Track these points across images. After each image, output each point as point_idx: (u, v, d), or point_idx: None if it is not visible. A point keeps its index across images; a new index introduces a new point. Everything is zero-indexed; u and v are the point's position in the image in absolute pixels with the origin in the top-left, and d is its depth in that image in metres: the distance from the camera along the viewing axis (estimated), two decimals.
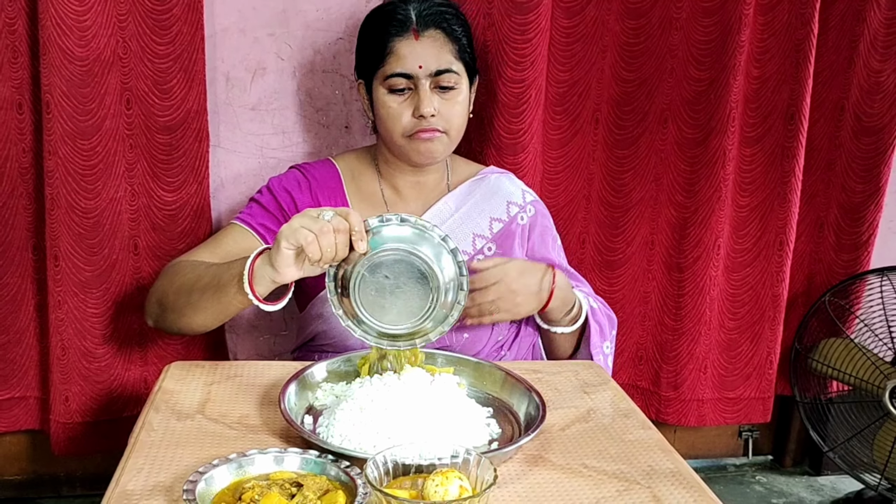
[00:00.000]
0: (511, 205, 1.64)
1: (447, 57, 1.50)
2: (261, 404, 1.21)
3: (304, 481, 0.94)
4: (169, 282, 1.45)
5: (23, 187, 1.74)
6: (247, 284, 1.24)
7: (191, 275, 1.40)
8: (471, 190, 1.63)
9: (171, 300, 1.42)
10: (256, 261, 1.25)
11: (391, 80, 1.49)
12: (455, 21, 1.53)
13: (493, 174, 1.68)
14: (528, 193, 1.68)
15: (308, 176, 1.60)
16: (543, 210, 1.70)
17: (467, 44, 1.55)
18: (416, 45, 1.48)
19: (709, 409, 2.22)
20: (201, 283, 1.35)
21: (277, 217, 1.56)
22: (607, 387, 1.35)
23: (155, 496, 0.96)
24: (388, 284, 1.20)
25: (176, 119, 1.71)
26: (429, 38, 1.49)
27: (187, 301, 1.38)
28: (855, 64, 2.07)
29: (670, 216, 2.07)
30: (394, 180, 1.61)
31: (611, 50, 1.95)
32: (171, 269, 1.49)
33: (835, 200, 2.19)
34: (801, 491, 2.40)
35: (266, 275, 1.23)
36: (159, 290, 1.47)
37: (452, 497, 0.87)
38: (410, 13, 1.50)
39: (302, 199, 1.57)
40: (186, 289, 1.38)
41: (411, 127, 1.50)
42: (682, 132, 2.00)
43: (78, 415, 1.81)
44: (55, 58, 1.59)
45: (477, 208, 1.62)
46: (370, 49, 1.53)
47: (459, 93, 1.52)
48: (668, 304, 2.13)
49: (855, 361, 2.14)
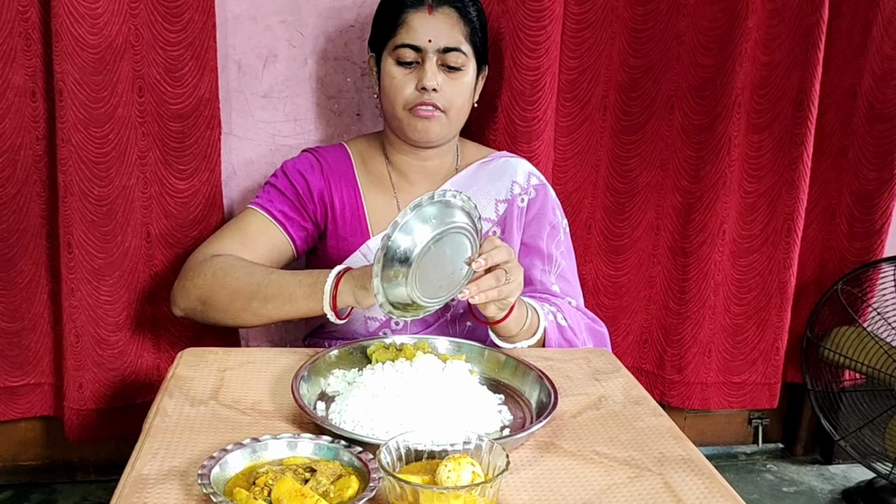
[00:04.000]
0: (514, 184, 1.63)
1: (457, 36, 1.51)
2: (273, 390, 1.22)
3: (318, 466, 0.94)
4: (218, 283, 1.43)
5: (36, 175, 1.75)
6: (330, 311, 1.32)
7: (246, 279, 1.41)
8: (476, 172, 1.63)
9: (223, 302, 1.42)
10: (340, 284, 1.30)
11: (400, 51, 1.50)
12: (470, 4, 1.54)
13: (501, 157, 1.67)
14: (535, 177, 1.66)
15: (320, 159, 1.61)
16: (548, 196, 1.65)
17: (479, 28, 1.56)
18: (428, 19, 1.50)
19: (713, 392, 2.23)
20: (265, 293, 1.38)
21: (294, 202, 1.58)
22: (619, 374, 1.35)
23: (170, 480, 0.96)
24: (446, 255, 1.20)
25: (188, 107, 1.71)
26: (442, 15, 1.51)
27: (246, 307, 1.40)
28: (868, 50, 2.06)
29: (676, 201, 2.08)
30: (400, 164, 1.62)
31: (619, 36, 1.95)
32: (216, 267, 1.45)
33: (847, 188, 2.18)
34: (812, 479, 2.40)
35: (349, 301, 1.31)
36: (203, 287, 1.45)
37: (465, 483, 0.87)
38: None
39: (315, 182, 1.59)
40: (245, 295, 1.39)
41: (413, 99, 1.50)
42: (689, 118, 2.00)
43: (91, 401, 1.82)
44: (68, 45, 1.59)
45: (482, 191, 1.61)
46: (384, 20, 1.54)
47: (465, 74, 1.53)
48: (672, 288, 2.13)
49: (867, 350, 2.14)
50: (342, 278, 1.32)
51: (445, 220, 1.17)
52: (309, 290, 1.34)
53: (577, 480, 1.01)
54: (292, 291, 1.36)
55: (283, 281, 1.38)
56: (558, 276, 1.63)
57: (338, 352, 1.29)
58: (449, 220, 1.17)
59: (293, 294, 1.36)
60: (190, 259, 1.52)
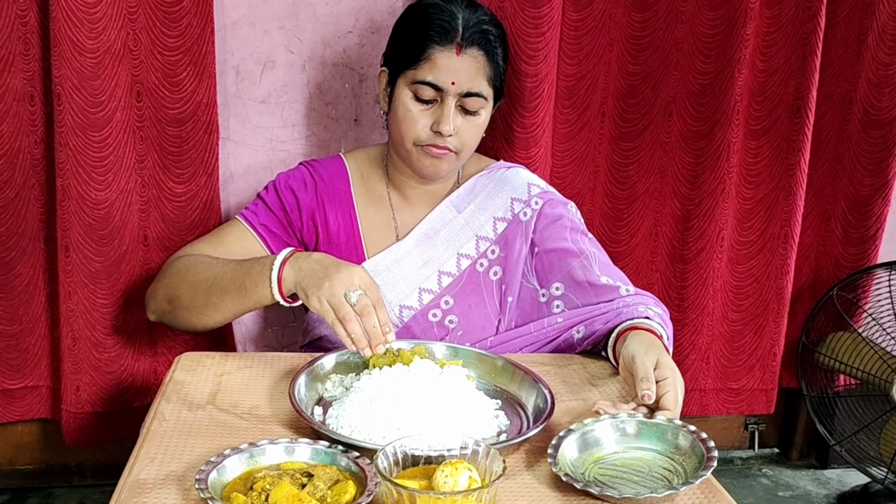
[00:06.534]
0: (515, 201, 1.59)
1: (481, 81, 1.45)
2: (271, 395, 1.22)
3: (315, 471, 0.95)
4: (181, 279, 1.44)
5: (35, 178, 1.75)
6: (278, 294, 1.31)
7: (206, 273, 1.41)
8: (474, 187, 1.60)
9: (185, 298, 1.42)
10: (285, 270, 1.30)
11: (419, 87, 1.43)
12: (498, 43, 1.48)
13: (499, 169, 1.64)
14: (535, 186, 1.61)
15: (315, 175, 1.58)
16: (555, 201, 1.60)
17: (503, 67, 1.51)
18: (455, 59, 1.42)
19: (711, 398, 2.23)
20: (222, 284, 1.37)
21: (279, 218, 1.56)
22: (615, 379, 1.35)
23: (167, 485, 0.97)
24: None
25: (186, 111, 1.71)
26: (470, 57, 1.43)
27: (206, 300, 1.39)
28: (863, 57, 2.07)
29: (674, 208, 2.07)
30: (402, 185, 1.59)
31: (618, 43, 1.95)
32: (180, 266, 1.47)
33: (842, 194, 2.18)
34: (808, 484, 2.41)
35: (292, 286, 1.30)
36: (169, 286, 1.46)
37: (462, 488, 0.88)
38: (458, 24, 1.43)
39: (306, 201, 1.56)
40: (204, 288, 1.39)
41: (426, 138, 1.46)
42: (687, 125, 2.00)
43: (89, 404, 1.81)
44: (66, 50, 1.59)
45: (480, 207, 1.58)
46: (406, 46, 1.46)
47: (482, 115, 1.49)
48: (671, 295, 2.13)
49: (862, 355, 2.14)
50: (286, 263, 1.30)
51: None
52: (260, 277, 1.32)
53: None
54: (242, 280, 1.34)
55: (235, 272, 1.36)
56: (600, 266, 1.53)
57: (335, 357, 1.29)
58: None
59: (244, 283, 1.34)
60: (164, 264, 1.54)
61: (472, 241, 1.58)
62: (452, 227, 1.58)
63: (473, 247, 1.58)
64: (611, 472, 1.04)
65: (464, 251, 1.58)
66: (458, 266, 1.57)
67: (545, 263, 1.55)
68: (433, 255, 1.57)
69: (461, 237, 1.57)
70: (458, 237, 1.58)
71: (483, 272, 1.57)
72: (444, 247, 1.57)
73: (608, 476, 1.03)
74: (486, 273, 1.57)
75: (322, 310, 1.24)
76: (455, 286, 1.56)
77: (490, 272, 1.57)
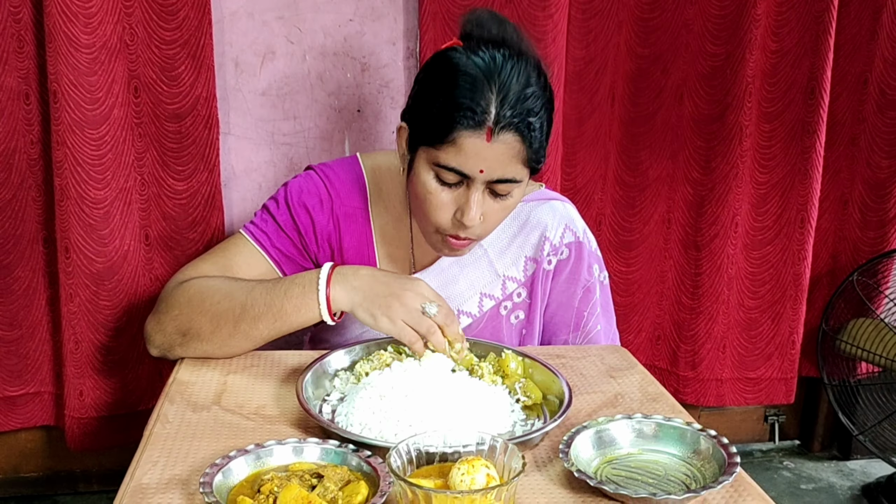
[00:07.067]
0: (546, 241, 1.42)
1: (515, 165, 1.21)
2: (277, 394, 1.19)
3: (325, 472, 0.92)
4: (196, 309, 1.27)
5: (32, 179, 1.73)
6: (327, 315, 1.22)
7: (229, 301, 1.26)
8: (509, 220, 1.42)
9: (206, 330, 1.26)
10: (332, 289, 1.21)
11: (443, 172, 1.22)
12: (538, 121, 1.21)
13: (540, 200, 1.44)
14: (571, 232, 1.43)
15: (332, 190, 1.40)
16: (582, 256, 1.43)
17: (543, 143, 1.25)
18: (484, 146, 1.18)
19: (728, 388, 2.21)
20: (253, 311, 1.24)
21: (293, 240, 1.40)
22: (634, 371, 1.31)
23: (171, 489, 0.93)
24: None
25: (185, 106, 1.69)
26: (502, 144, 1.19)
27: (234, 331, 1.25)
28: (878, 36, 2.05)
29: (687, 194, 2.06)
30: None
31: (626, 25, 1.93)
32: (191, 293, 1.29)
33: (859, 177, 2.16)
34: (831, 476, 2.36)
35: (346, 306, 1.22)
36: (180, 318, 1.28)
37: (479, 486, 0.84)
38: (491, 107, 1.17)
39: (322, 223, 1.40)
40: (231, 318, 1.25)
41: (447, 227, 1.26)
42: (698, 108, 1.98)
43: (93, 409, 1.80)
44: (61, 46, 1.57)
45: (512, 244, 1.43)
46: (430, 119, 1.22)
47: (513, 196, 1.26)
48: (685, 282, 2.11)
49: (885, 341, 2.10)
50: (332, 281, 1.21)
51: None
52: (301, 301, 1.22)
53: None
54: (279, 305, 1.23)
55: (268, 297, 1.24)
56: (586, 341, 1.46)
57: (344, 353, 1.25)
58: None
59: (283, 308, 1.23)
60: (163, 289, 1.36)
61: (497, 281, 1.43)
62: (479, 265, 1.43)
63: (500, 287, 1.43)
64: (624, 474, 1.00)
65: (488, 291, 1.43)
66: (479, 307, 1.43)
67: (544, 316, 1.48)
68: (453, 291, 1.42)
69: (487, 276, 1.43)
70: (483, 275, 1.43)
71: (506, 315, 1.45)
72: (466, 284, 1.43)
73: (621, 477, 0.99)
74: (507, 317, 1.45)
75: (395, 330, 1.16)
76: (473, 329, 1.43)
77: (512, 315, 1.45)
